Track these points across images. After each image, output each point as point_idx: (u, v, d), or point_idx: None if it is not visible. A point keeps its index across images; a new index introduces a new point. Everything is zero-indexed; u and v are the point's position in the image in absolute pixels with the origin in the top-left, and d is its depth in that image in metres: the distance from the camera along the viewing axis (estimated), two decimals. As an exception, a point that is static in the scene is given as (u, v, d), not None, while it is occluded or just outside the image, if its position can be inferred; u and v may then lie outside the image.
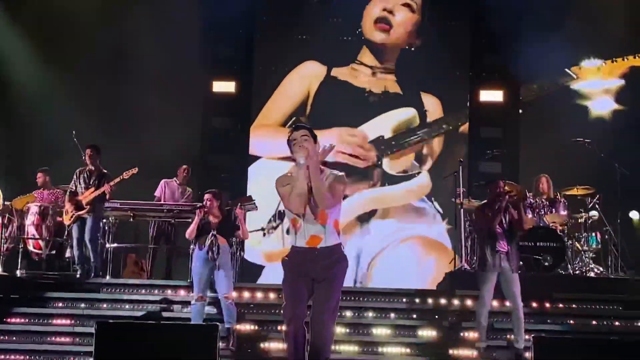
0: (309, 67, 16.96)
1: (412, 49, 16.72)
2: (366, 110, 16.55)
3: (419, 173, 16.36)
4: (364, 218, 16.22)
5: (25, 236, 13.39)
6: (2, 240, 12.95)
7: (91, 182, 12.45)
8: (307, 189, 7.00)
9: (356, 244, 15.77)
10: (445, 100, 16.49)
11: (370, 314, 11.35)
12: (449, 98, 16.50)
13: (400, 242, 16.11)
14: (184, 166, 14.43)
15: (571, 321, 11.14)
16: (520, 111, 16.28)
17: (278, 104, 16.75)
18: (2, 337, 10.26)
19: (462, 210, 13.02)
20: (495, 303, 10.64)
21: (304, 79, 16.90)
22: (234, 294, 10.86)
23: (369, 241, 16.05)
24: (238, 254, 12.88)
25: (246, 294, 11.69)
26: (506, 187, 10.78)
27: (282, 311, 7.42)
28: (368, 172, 16.30)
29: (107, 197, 12.47)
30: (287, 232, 13.27)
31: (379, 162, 16.34)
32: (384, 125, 16.62)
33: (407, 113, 16.58)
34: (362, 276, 15.59)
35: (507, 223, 10.33)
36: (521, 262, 10.89)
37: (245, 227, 11.33)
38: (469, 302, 11.23)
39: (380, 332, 10.98)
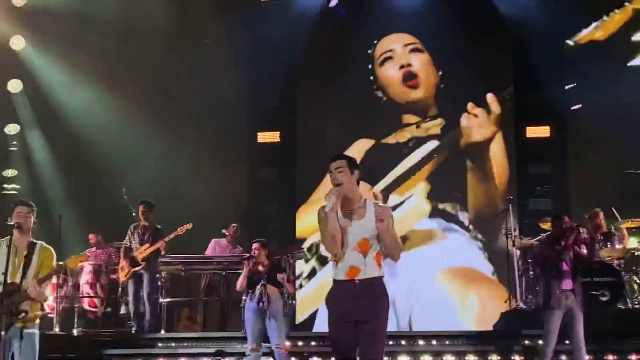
0: (361, 144, 16.94)
1: (442, 85, 16.80)
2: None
3: (410, 197, 16.33)
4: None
5: (81, 295, 13.53)
6: (58, 300, 13.05)
7: (145, 238, 12.62)
8: (339, 229, 7.10)
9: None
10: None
11: (427, 357, 11.29)
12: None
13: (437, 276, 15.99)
14: (233, 225, 14.54)
15: (633, 357, 11.02)
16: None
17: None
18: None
19: (514, 248, 12.95)
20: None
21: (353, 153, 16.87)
22: (288, 344, 10.76)
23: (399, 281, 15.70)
24: (290, 302, 12.91)
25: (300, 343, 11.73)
26: (573, 223, 10.65)
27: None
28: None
29: (163, 252, 12.60)
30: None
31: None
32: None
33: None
34: (404, 322, 15.05)
35: (572, 260, 10.27)
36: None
37: (291, 288, 11.39)
38: (529, 342, 11.15)
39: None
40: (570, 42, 16.05)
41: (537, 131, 16.24)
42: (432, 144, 16.58)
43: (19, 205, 8.55)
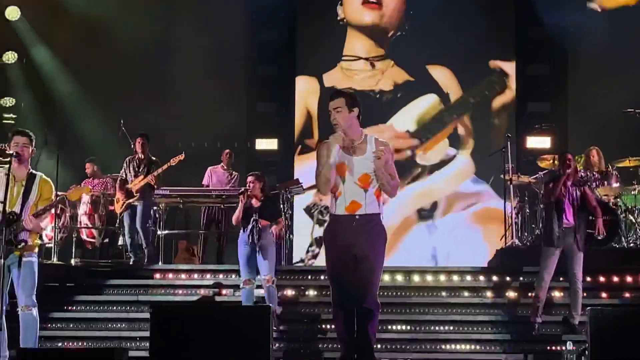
0: (301, 85, 16.89)
1: (403, 33, 16.70)
2: (383, 112, 16.53)
3: (454, 156, 16.34)
4: (426, 215, 16.22)
5: (79, 226, 13.64)
6: (56, 230, 13.15)
7: (140, 170, 12.67)
8: (339, 155, 7.22)
9: (428, 245, 15.83)
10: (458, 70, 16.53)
11: (423, 293, 11.37)
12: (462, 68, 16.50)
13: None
14: (227, 150, 14.60)
15: (627, 294, 11.08)
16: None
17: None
18: (59, 325, 10.44)
19: (511, 186, 13.03)
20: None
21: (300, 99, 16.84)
22: (272, 276, 10.70)
23: (439, 238, 16.08)
24: (287, 237, 12.99)
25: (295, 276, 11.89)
26: (572, 161, 10.65)
27: (330, 293, 7.54)
28: (406, 165, 16.20)
29: (153, 183, 12.64)
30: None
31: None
32: (407, 118, 16.61)
33: (428, 100, 16.58)
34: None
35: (578, 199, 10.34)
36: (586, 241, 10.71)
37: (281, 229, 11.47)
38: (521, 279, 11.27)
39: (438, 314, 10.98)
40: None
41: (537, 69, 16.12)
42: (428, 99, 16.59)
43: (17, 134, 8.59)
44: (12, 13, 16.03)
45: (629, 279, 11.35)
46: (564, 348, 7.94)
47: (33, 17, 16.37)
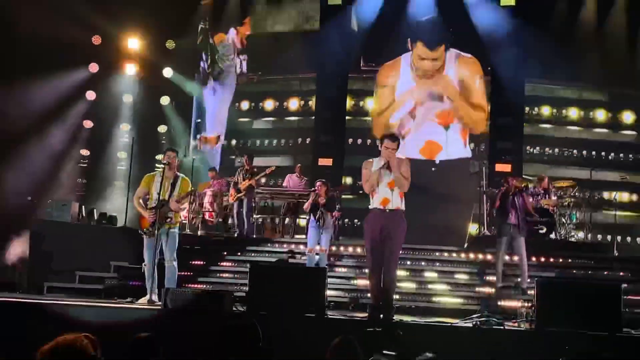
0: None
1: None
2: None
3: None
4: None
5: (204, 210, 13.76)
6: (190, 213, 13.27)
7: (246, 176, 12.78)
8: (382, 171, 7.27)
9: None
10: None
11: (423, 263, 11.26)
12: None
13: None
14: (299, 165, 14.73)
15: (558, 270, 10.93)
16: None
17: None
18: (189, 273, 10.49)
19: (484, 195, 12.91)
20: (507, 257, 10.51)
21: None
22: (327, 248, 10.72)
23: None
24: (339, 221, 12.97)
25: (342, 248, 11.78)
26: (515, 182, 10.60)
27: (366, 261, 7.52)
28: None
29: (254, 185, 12.80)
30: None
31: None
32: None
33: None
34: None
35: (520, 204, 10.23)
36: (527, 231, 10.62)
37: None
38: (488, 257, 11.12)
39: (429, 274, 10.93)
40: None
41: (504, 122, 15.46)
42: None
43: (168, 150, 8.75)
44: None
45: (560, 259, 11.26)
46: (517, 304, 7.82)
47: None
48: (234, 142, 16.69)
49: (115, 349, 4.30)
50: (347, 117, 16.15)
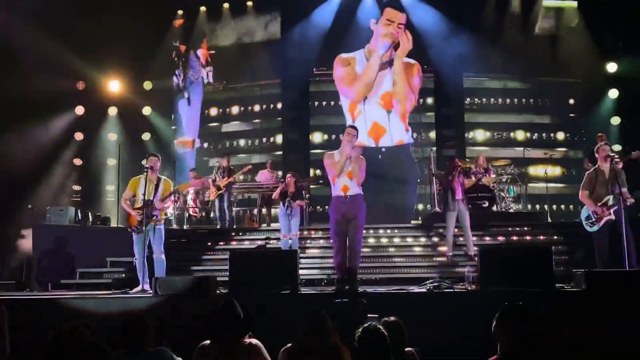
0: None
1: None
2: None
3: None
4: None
5: (188, 206, 13.68)
6: (175, 209, 13.18)
7: (225, 174, 12.73)
8: (344, 163, 7.31)
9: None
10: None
11: (383, 239, 11.34)
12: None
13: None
14: (269, 161, 14.66)
15: (500, 238, 11.08)
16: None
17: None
18: (178, 263, 10.42)
19: (433, 177, 13.05)
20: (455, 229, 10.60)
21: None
22: (297, 233, 10.83)
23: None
24: (308, 208, 12.98)
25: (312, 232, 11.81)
26: (459, 163, 10.72)
27: (331, 241, 7.57)
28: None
29: (233, 181, 12.78)
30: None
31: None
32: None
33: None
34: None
35: (464, 183, 10.35)
36: (470, 205, 10.78)
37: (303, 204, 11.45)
38: (440, 230, 11.21)
39: (389, 249, 11.00)
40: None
41: (447, 112, 15.69)
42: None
43: (151, 155, 8.69)
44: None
45: (501, 229, 11.37)
46: (465, 270, 7.92)
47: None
48: (206, 144, 16.60)
49: (113, 334, 4.34)
50: (310, 117, 16.09)
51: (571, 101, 15.73)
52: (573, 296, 6.82)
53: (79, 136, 14.30)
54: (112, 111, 14.79)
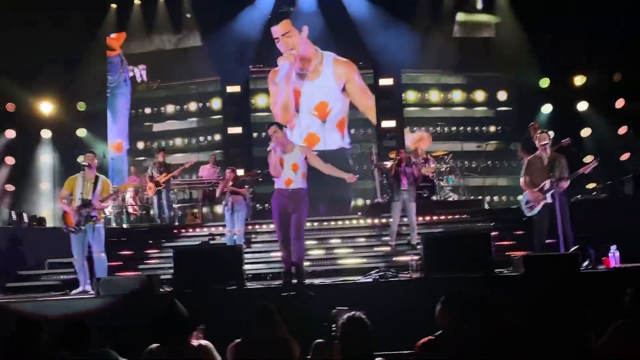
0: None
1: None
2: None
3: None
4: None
5: (127, 204, 13.36)
6: (114, 207, 12.85)
7: (162, 170, 12.45)
8: (285, 156, 7.26)
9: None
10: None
11: (328, 231, 11.29)
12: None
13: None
14: (212, 156, 14.43)
15: (441, 226, 11.23)
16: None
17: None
18: (118, 262, 10.14)
19: (375, 169, 13.13)
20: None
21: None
22: (242, 229, 10.65)
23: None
24: (251, 203, 12.85)
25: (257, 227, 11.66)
26: (403, 153, 10.81)
27: (276, 236, 7.51)
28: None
29: (175, 176, 12.58)
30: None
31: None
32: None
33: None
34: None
35: (409, 173, 10.37)
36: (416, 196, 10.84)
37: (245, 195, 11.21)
38: (383, 220, 11.21)
39: (334, 241, 10.97)
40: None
41: (386, 105, 15.59)
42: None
43: (88, 152, 8.44)
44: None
45: (442, 217, 11.47)
46: (409, 258, 8.02)
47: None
48: (141, 144, 16.15)
49: (55, 337, 4.20)
50: (252, 114, 15.83)
51: (502, 95, 16.05)
52: (512, 280, 7.00)
53: (9, 160, 13.41)
54: (46, 134, 13.69)
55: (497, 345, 3.69)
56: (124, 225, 12.87)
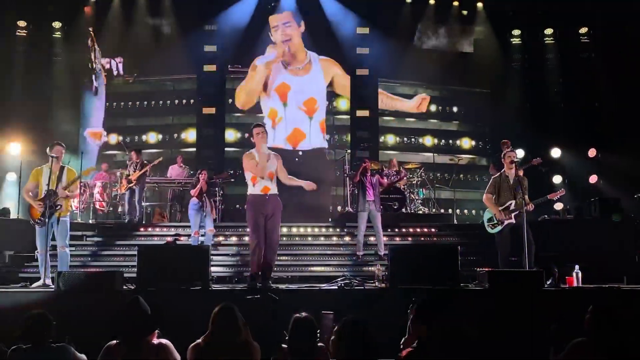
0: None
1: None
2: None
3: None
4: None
5: (94, 200, 13.17)
6: (80, 202, 12.67)
7: (136, 167, 12.33)
8: (265, 164, 7.37)
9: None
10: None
11: (297, 238, 11.36)
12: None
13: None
14: (180, 156, 14.30)
15: (409, 238, 11.33)
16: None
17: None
18: (82, 258, 10.06)
19: (347, 178, 13.20)
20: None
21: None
22: (212, 229, 10.68)
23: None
24: (221, 205, 12.80)
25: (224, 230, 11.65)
26: (371, 164, 10.87)
27: (249, 238, 7.52)
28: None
29: (148, 174, 12.49)
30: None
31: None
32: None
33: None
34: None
35: (375, 183, 10.42)
36: (381, 206, 10.93)
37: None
38: (352, 230, 11.26)
39: (306, 250, 10.93)
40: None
41: (362, 114, 15.67)
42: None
43: (57, 145, 8.32)
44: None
45: (410, 229, 11.59)
46: (375, 269, 8.06)
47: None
48: (114, 137, 15.97)
49: (14, 329, 4.15)
50: (227, 114, 15.72)
51: (477, 109, 16.27)
52: (477, 294, 7.08)
53: None
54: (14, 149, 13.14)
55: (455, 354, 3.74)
56: (90, 221, 12.68)
